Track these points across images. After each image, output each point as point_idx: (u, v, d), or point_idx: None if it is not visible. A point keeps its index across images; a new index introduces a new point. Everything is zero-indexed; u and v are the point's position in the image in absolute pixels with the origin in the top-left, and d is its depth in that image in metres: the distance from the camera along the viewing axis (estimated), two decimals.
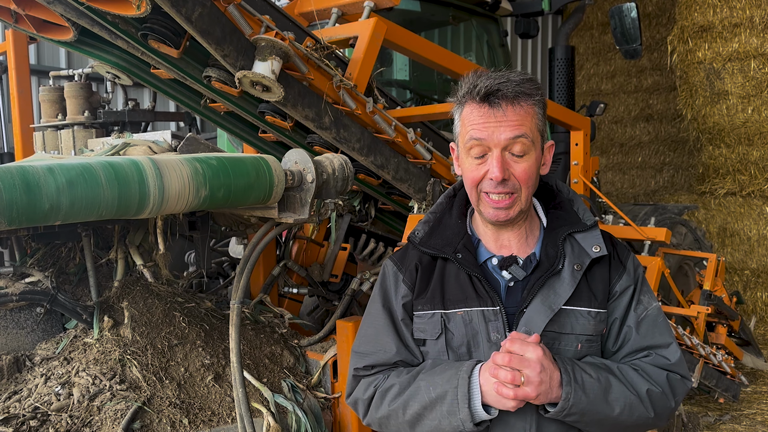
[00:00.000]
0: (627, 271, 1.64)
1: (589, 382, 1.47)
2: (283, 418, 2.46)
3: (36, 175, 1.55)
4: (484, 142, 1.52)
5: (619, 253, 1.66)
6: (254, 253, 2.29)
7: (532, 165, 1.54)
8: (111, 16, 2.25)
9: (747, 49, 6.75)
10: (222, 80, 2.43)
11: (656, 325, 1.63)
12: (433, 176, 3.04)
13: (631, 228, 3.69)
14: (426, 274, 1.65)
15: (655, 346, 1.61)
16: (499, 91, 1.50)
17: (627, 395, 1.51)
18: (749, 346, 4.95)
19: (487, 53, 5.27)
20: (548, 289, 1.56)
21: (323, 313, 3.60)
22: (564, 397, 1.44)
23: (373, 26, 2.73)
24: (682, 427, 3.77)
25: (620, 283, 1.62)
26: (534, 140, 1.54)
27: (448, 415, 1.49)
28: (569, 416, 1.46)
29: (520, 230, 1.63)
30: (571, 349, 1.57)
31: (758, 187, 7.00)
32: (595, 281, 1.60)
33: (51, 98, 3.60)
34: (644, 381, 1.54)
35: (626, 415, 1.51)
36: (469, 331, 1.58)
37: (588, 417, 1.48)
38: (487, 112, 1.51)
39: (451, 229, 1.68)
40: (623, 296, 1.62)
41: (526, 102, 1.52)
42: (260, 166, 2.07)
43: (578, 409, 1.46)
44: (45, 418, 2.16)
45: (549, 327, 1.54)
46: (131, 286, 2.63)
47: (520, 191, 1.54)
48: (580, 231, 1.63)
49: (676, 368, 1.60)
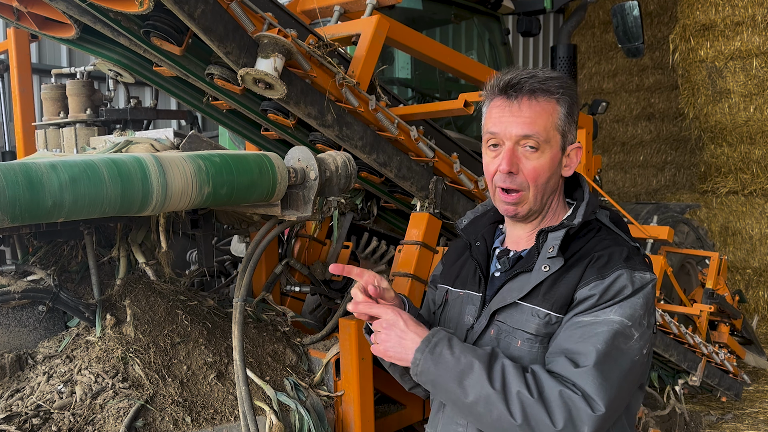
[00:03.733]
0: (600, 283, 1.44)
1: (446, 357, 1.43)
2: (285, 417, 2.46)
3: (39, 172, 1.55)
4: (498, 136, 1.54)
5: (609, 264, 1.47)
6: (257, 250, 2.29)
7: (544, 164, 1.51)
8: (113, 13, 2.24)
9: (749, 47, 6.75)
10: (224, 78, 2.43)
11: (593, 337, 1.40)
12: (436, 174, 3.04)
13: (634, 227, 3.68)
14: (455, 256, 1.82)
15: (572, 351, 1.41)
16: (518, 84, 1.51)
17: (486, 388, 1.37)
18: (751, 345, 4.95)
19: (489, 52, 5.26)
20: (515, 283, 1.57)
21: (325, 311, 3.60)
22: (413, 360, 1.47)
23: (375, 24, 2.72)
24: (684, 426, 3.77)
25: (583, 290, 1.46)
26: (549, 140, 1.51)
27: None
28: (421, 382, 1.48)
29: (533, 230, 1.62)
30: (513, 344, 1.52)
31: (760, 185, 7.00)
32: (561, 284, 1.50)
33: (53, 96, 3.60)
34: (520, 382, 1.37)
35: (482, 407, 1.38)
36: (456, 310, 1.70)
37: (439, 391, 1.46)
38: (504, 105, 1.53)
39: (486, 220, 1.78)
40: (580, 304, 1.46)
41: (544, 98, 1.51)
42: (263, 163, 2.06)
43: (427, 378, 1.46)
44: (47, 416, 2.16)
45: (502, 318, 1.56)
46: (133, 284, 2.62)
47: (528, 189, 1.53)
48: (554, 230, 1.55)
49: (586, 397, 1.34)
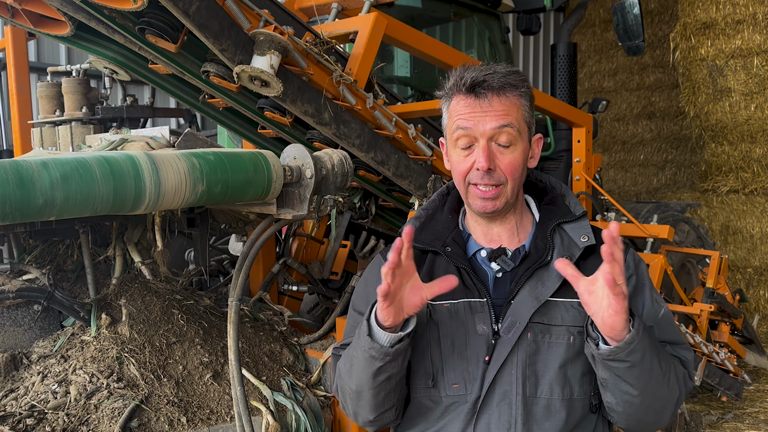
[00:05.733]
0: (626, 264, 1.57)
1: (648, 330, 1.43)
2: (282, 417, 2.44)
3: (30, 170, 1.53)
4: (471, 132, 1.52)
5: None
6: (252, 250, 2.27)
7: (518, 157, 1.54)
8: (108, 10, 2.23)
9: (750, 46, 6.73)
10: (220, 75, 2.41)
11: (672, 324, 1.64)
12: (434, 173, 3.02)
13: (634, 225, 3.67)
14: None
15: (673, 343, 1.62)
16: (485, 82, 1.51)
17: (669, 359, 1.51)
18: (752, 344, 4.93)
19: (488, 50, 5.25)
20: (536, 281, 1.54)
21: (323, 310, 3.58)
22: (636, 327, 1.35)
23: (373, 21, 2.70)
24: (684, 425, 3.75)
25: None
26: (520, 131, 1.54)
27: (358, 341, 1.49)
28: (633, 353, 1.36)
29: (511, 224, 1.63)
30: (563, 342, 1.52)
31: (761, 184, 6.97)
32: (587, 273, 1.53)
33: (49, 94, 3.58)
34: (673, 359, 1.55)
35: (668, 378, 1.47)
36: (453, 324, 1.56)
37: (645, 363, 1.39)
38: (473, 103, 1.52)
39: (442, 224, 1.69)
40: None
41: (512, 93, 1.53)
42: (258, 161, 2.04)
43: (642, 346, 1.36)
44: (41, 417, 2.14)
45: (537, 319, 1.52)
46: (129, 283, 2.61)
47: (506, 183, 1.54)
48: (568, 221, 1.61)
49: (687, 366, 1.61)
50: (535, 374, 1.51)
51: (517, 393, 1.50)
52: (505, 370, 1.51)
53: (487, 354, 1.52)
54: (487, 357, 1.52)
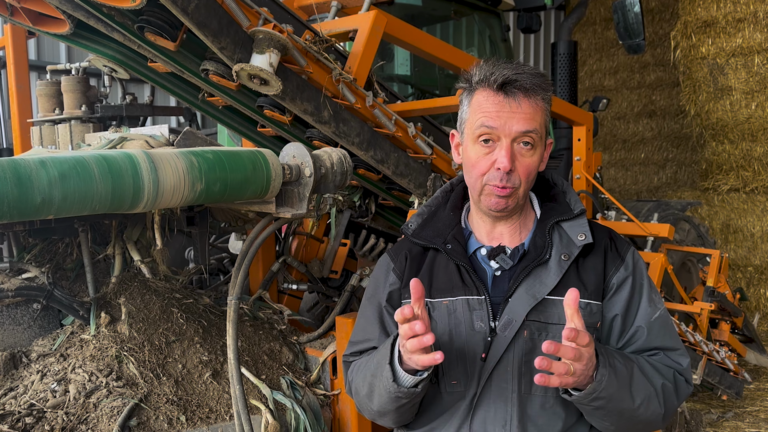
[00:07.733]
0: (625, 264, 1.60)
1: (619, 368, 1.45)
2: (281, 416, 2.44)
3: (27, 169, 1.53)
4: (496, 132, 1.50)
5: (618, 245, 1.62)
6: (252, 248, 2.27)
7: (536, 161, 1.54)
8: (106, 8, 2.22)
9: (751, 44, 6.71)
10: (219, 73, 2.40)
11: (667, 326, 1.61)
12: (434, 171, 3.01)
13: (635, 224, 3.66)
14: (415, 264, 1.66)
15: (666, 348, 1.60)
16: (516, 82, 1.49)
17: (647, 388, 1.49)
18: (752, 343, 4.92)
19: (489, 48, 5.24)
20: (534, 279, 1.54)
21: (323, 309, 3.58)
22: (598, 378, 1.39)
23: (372, 19, 2.70)
24: (684, 424, 3.74)
25: (617, 275, 1.58)
26: (541, 136, 1.54)
27: (381, 379, 1.50)
28: (596, 400, 1.41)
29: (515, 224, 1.63)
30: (559, 340, 1.52)
31: (762, 183, 6.96)
32: (587, 272, 1.57)
33: (48, 92, 3.58)
34: (659, 376, 1.54)
35: (644, 408, 1.48)
36: (452, 321, 1.56)
37: (612, 404, 1.44)
38: (502, 101, 1.50)
39: (444, 221, 1.69)
40: (621, 290, 1.58)
41: (539, 96, 1.51)
42: (257, 159, 2.04)
43: (607, 393, 1.41)
44: (41, 415, 2.14)
45: (534, 317, 1.52)
46: (129, 282, 2.61)
47: (520, 186, 1.54)
48: (566, 219, 1.61)
49: (683, 372, 1.60)
50: (530, 372, 1.51)
51: (512, 390, 1.51)
52: (501, 367, 1.52)
53: (484, 351, 1.53)
54: (484, 354, 1.52)
